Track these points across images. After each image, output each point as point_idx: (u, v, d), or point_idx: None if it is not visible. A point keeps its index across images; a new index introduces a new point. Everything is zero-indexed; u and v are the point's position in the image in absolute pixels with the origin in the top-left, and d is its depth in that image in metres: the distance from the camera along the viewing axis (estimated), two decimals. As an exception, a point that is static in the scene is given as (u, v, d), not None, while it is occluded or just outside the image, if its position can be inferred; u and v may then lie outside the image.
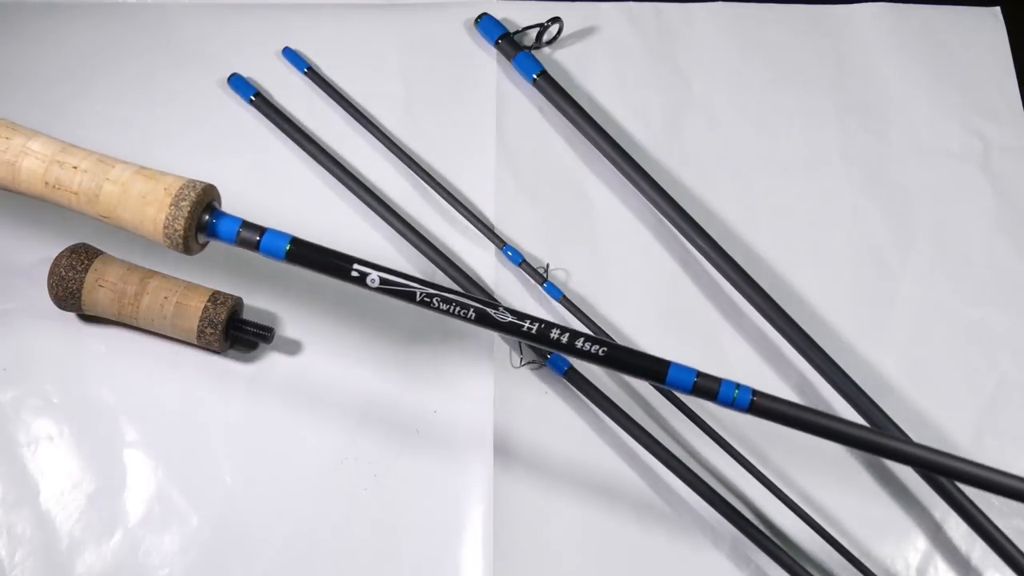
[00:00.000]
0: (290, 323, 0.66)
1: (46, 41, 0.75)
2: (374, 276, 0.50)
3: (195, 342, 0.63)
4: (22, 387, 0.63)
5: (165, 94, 0.73)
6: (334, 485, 0.61)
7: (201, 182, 0.52)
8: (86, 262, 0.62)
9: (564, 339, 0.49)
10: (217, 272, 0.66)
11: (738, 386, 0.48)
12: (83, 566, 0.58)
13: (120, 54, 0.75)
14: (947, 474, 0.48)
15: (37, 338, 0.65)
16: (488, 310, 0.49)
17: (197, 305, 0.62)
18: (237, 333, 0.63)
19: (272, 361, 0.65)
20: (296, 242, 0.51)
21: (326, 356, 0.65)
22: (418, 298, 0.50)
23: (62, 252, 0.63)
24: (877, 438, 0.47)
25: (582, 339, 0.49)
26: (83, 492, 0.60)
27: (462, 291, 0.50)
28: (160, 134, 0.72)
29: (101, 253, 0.64)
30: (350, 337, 0.66)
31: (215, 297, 0.62)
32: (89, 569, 0.58)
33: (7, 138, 0.54)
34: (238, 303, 0.64)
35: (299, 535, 0.60)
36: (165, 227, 0.50)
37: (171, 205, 0.50)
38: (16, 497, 0.60)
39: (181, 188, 0.51)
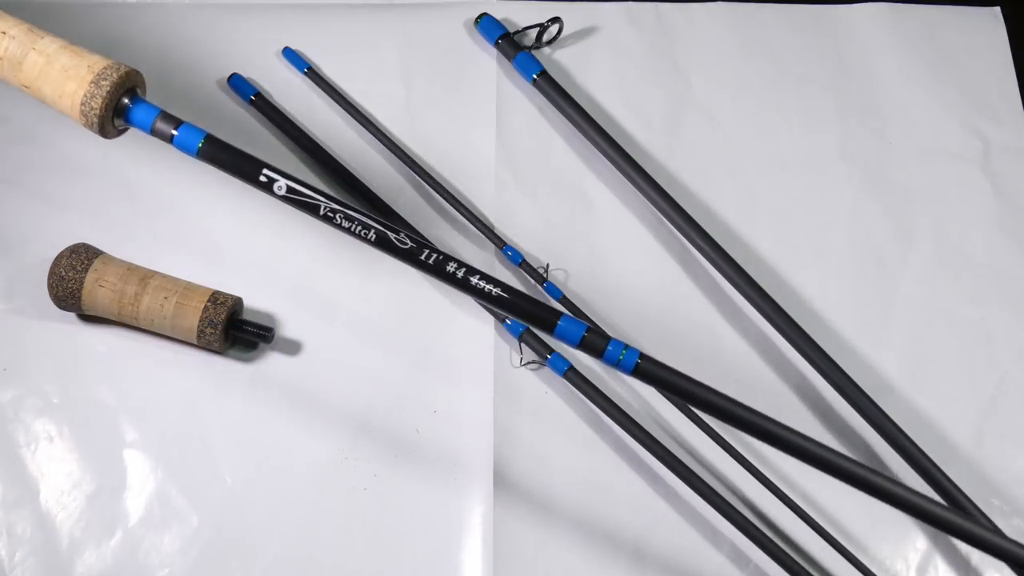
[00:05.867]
0: (290, 323, 0.66)
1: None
2: (281, 183, 0.51)
3: (195, 342, 0.63)
4: (22, 387, 0.63)
5: (165, 94, 0.73)
6: (334, 485, 0.61)
7: (126, 66, 0.51)
8: (86, 262, 0.62)
9: (459, 273, 0.49)
10: (217, 272, 0.66)
11: (626, 347, 0.48)
12: (83, 566, 0.58)
13: (120, 54, 0.75)
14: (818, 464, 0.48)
15: (37, 338, 0.65)
16: (389, 234, 0.50)
17: (197, 305, 0.62)
18: (237, 333, 0.63)
19: (272, 361, 0.65)
20: (210, 139, 0.51)
21: (326, 356, 0.65)
22: (321, 212, 0.50)
23: (62, 252, 0.63)
24: (755, 418, 0.47)
25: (477, 276, 0.49)
26: (83, 492, 0.60)
27: (368, 213, 0.50)
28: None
29: (101, 253, 0.64)
30: (350, 337, 0.66)
31: (215, 297, 0.62)
32: (89, 569, 0.58)
33: None
34: (238, 303, 0.64)
35: (299, 535, 0.60)
36: (82, 104, 0.50)
37: (91, 83, 0.50)
38: (16, 497, 0.60)
39: (105, 68, 0.50)
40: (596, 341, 0.48)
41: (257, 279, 0.67)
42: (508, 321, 0.64)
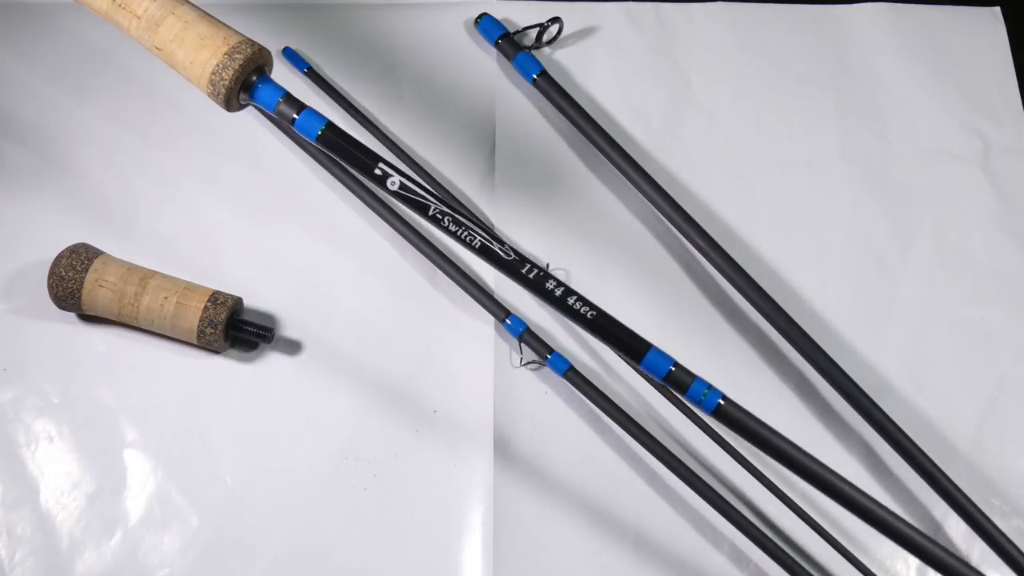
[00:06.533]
0: (290, 323, 0.66)
1: (46, 41, 0.75)
2: (395, 179, 0.50)
3: (195, 342, 0.63)
4: (22, 387, 0.63)
5: (165, 94, 0.73)
6: (334, 485, 0.61)
7: (259, 44, 0.51)
8: (86, 262, 0.62)
9: (558, 292, 0.49)
10: (217, 272, 0.66)
11: (710, 387, 0.48)
12: (83, 566, 0.58)
13: (120, 54, 0.75)
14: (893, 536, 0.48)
15: (37, 338, 0.65)
16: (493, 244, 0.49)
17: (197, 305, 0.62)
18: (237, 333, 0.63)
19: (272, 361, 0.65)
20: (331, 127, 0.50)
21: (326, 356, 0.65)
22: (430, 212, 0.50)
23: (62, 252, 0.63)
24: (829, 476, 0.47)
25: (574, 298, 0.48)
26: (83, 492, 0.60)
27: (474, 218, 0.49)
28: (160, 134, 0.72)
29: (101, 253, 0.64)
30: (350, 337, 0.66)
31: (215, 297, 0.62)
32: (89, 569, 0.58)
33: None
34: (238, 303, 0.64)
35: (299, 535, 0.60)
36: (213, 73, 0.50)
37: (225, 54, 0.50)
38: (16, 497, 0.60)
39: (239, 42, 0.50)
40: (682, 377, 0.48)
41: (257, 279, 0.67)
42: (508, 321, 0.64)
